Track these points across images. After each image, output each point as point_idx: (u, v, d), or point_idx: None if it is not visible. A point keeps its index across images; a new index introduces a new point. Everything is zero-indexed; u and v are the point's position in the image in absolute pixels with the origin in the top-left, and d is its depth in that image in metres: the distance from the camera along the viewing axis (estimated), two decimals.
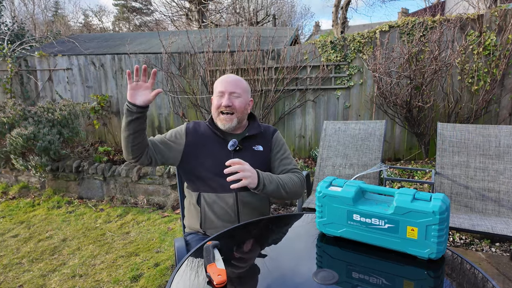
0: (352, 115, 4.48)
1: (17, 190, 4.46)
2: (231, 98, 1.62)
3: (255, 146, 1.70)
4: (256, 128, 1.74)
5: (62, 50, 5.67)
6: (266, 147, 1.73)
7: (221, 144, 1.66)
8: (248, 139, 1.70)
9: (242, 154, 1.64)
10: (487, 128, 2.71)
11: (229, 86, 1.63)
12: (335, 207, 1.22)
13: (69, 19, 23.47)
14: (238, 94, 1.64)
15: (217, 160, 1.62)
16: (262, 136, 1.75)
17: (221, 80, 1.66)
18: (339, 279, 1.01)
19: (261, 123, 1.80)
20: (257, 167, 1.62)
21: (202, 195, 1.65)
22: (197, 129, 1.71)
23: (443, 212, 1.05)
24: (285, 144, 1.84)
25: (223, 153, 1.64)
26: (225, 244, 1.24)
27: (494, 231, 2.14)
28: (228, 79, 1.66)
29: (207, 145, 1.67)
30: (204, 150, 1.66)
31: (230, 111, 1.63)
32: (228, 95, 1.62)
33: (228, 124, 1.64)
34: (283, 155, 1.76)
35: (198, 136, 1.68)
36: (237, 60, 4.46)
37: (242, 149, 1.66)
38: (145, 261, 2.77)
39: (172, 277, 1.07)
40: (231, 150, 1.64)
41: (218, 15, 15.54)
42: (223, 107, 1.62)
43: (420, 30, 3.96)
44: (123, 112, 1.54)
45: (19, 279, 2.58)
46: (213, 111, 1.68)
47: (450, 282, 1.06)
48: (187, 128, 1.71)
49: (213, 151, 1.65)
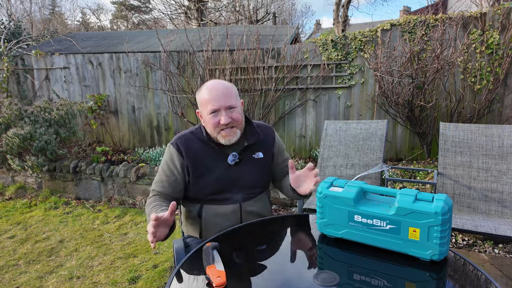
0: (353, 115, 4.45)
1: (13, 191, 4.44)
2: (228, 114, 1.48)
3: (255, 154, 1.63)
4: (255, 135, 1.63)
5: (59, 49, 5.63)
6: (267, 153, 1.67)
7: (219, 158, 1.57)
8: (247, 148, 1.62)
9: (243, 166, 1.59)
10: (490, 128, 2.70)
11: (222, 100, 1.47)
12: (336, 208, 1.22)
13: (67, 17, 23.51)
14: (234, 105, 1.50)
15: (219, 177, 1.56)
16: (262, 141, 1.66)
17: (210, 95, 1.48)
18: (340, 281, 1.01)
19: (256, 123, 1.69)
20: (258, 175, 1.63)
21: (203, 207, 1.59)
22: (190, 147, 1.57)
23: (446, 213, 1.04)
24: (283, 144, 1.80)
25: (223, 167, 1.57)
26: (224, 245, 1.23)
27: (497, 232, 2.12)
28: (218, 93, 1.48)
29: (205, 162, 1.57)
30: (203, 168, 1.57)
31: (231, 126, 1.51)
32: (224, 111, 1.48)
33: (233, 138, 1.52)
34: (283, 157, 1.75)
35: (194, 154, 1.56)
36: (237, 59, 4.43)
37: (242, 159, 1.59)
38: (143, 262, 2.76)
39: (171, 279, 1.06)
40: (231, 164, 1.57)
41: (218, 13, 15.57)
42: (223, 125, 1.48)
43: (422, 29, 3.93)
44: (121, 111, 1.49)
45: (15, 281, 2.56)
46: (211, 129, 1.53)
47: (453, 284, 1.05)
48: (177, 149, 1.57)
49: (213, 167, 1.57)
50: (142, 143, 5.23)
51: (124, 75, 5.09)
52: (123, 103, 5.15)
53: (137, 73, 5.03)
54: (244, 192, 1.59)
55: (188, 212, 1.67)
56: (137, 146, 5.20)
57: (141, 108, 5.13)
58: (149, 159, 4.33)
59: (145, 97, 5.08)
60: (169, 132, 5.13)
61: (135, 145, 5.23)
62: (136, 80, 5.06)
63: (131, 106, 5.15)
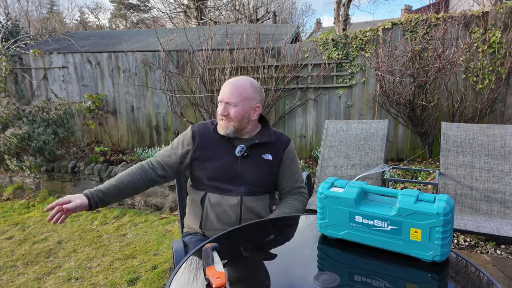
0: (354, 115, 4.43)
1: (11, 191, 4.43)
2: (226, 108, 1.61)
3: (264, 155, 1.69)
4: (268, 136, 1.71)
5: (57, 48, 5.61)
6: (276, 157, 1.71)
7: (228, 149, 1.66)
8: (257, 146, 1.68)
9: (249, 161, 1.65)
10: (492, 128, 2.70)
11: (226, 95, 1.61)
12: (337, 209, 1.21)
13: (65, 16, 23.44)
14: (234, 103, 1.60)
15: (224, 165, 1.64)
16: (274, 145, 1.72)
17: (224, 87, 1.64)
18: (341, 282, 1.00)
19: (274, 130, 1.78)
20: (263, 175, 1.67)
21: (207, 195, 1.65)
22: (204, 133, 1.71)
23: (447, 213, 1.04)
24: (296, 157, 1.84)
25: (231, 158, 1.65)
26: (224, 246, 1.22)
27: (500, 233, 2.12)
28: (228, 88, 1.63)
29: (214, 149, 1.67)
30: (212, 154, 1.67)
31: (226, 119, 1.63)
32: (224, 104, 1.62)
33: (224, 130, 1.64)
34: (293, 171, 1.77)
35: (206, 140, 1.69)
36: (237, 58, 4.41)
37: (250, 155, 1.66)
38: (142, 263, 2.74)
39: (170, 280, 1.06)
40: (238, 156, 1.64)
41: (217, 12, 15.57)
42: (220, 115, 1.63)
43: (423, 28, 3.92)
44: (119, 111, 1.51)
45: (13, 282, 2.54)
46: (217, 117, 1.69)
47: (455, 285, 1.05)
48: (193, 132, 1.71)
49: (220, 155, 1.66)
50: (141, 143, 5.21)
51: (122, 75, 5.07)
52: (122, 103, 5.14)
53: (136, 73, 5.01)
54: (247, 187, 1.64)
55: (191, 200, 1.74)
56: (136, 146, 5.18)
57: (140, 108, 5.11)
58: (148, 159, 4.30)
59: (144, 97, 5.06)
60: (168, 132, 5.11)
61: (134, 145, 5.21)
62: (135, 79, 5.04)
63: (130, 105, 5.13)
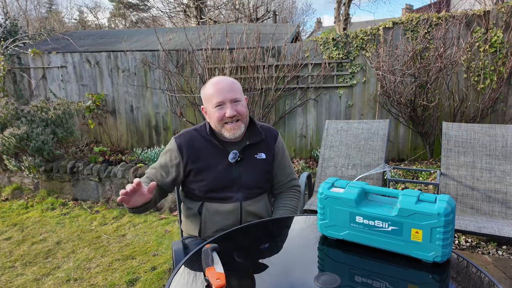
0: (355, 114, 4.42)
1: (10, 192, 4.42)
2: (233, 106, 1.52)
3: (257, 154, 1.64)
4: (257, 134, 1.65)
5: (56, 48, 5.59)
6: (269, 154, 1.68)
7: (221, 155, 1.59)
8: (249, 147, 1.63)
9: (244, 164, 1.60)
10: (493, 128, 2.70)
11: (228, 93, 1.52)
12: (337, 209, 1.20)
13: (64, 15, 23.37)
14: (239, 98, 1.54)
15: (220, 174, 1.57)
16: (264, 142, 1.67)
17: (215, 89, 1.53)
18: (341, 283, 1.00)
19: (261, 125, 1.72)
20: (259, 176, 1.63)
21: (204, 205, 1.61)
22: (191, 143, 1.61)
23: (449, 214, 1.03)
24: (285, 148, 1.80)
25: (224, 165, 1.58)
26: (224, 247, 1.22)
27: (501, 234, 2.12)
28: (222, 86, 1.53)
29: (206, 159, 1.59)
30: (205, 165, 1.59)
31: (236, 119, 1.54)
32: (230, 104, 1.52)
33: (237, 132, 1.55)
34: (284, 164, 1.74)
35: (194, 151, 1.60)
36: (237, 57, 4.40)
37: (243, 159, 1.60)
38: (141, 264, 2.73)
39: (169, 281, 1.06)
40: (232, 162, 1.58)
41: (217, 12, 15.55)
42: (228, 118, 1.52)
43: (424, 27, 3.90)
44: (118, 111, 1.47)
45: (12, 283, 2.54)
46: (215, 123, 1.56)
47: (456, 286, 1.05)
48: (178, 145, 1.60)
49: (214, 165, 1.59)
50: (140, 143, 5.20)
51: (122, 74, 5.06)
52: (121, 103, 5.12)
53: (135, 72, 5.00)
54: (245, 192, 1.60)
55: (187, 209, 1.68)
56: (135, 146, 5.16)
57: (139, 108, 5.10)
58: (147, 159, 4.30)
59: (144, 97, 5.05)
60: (168, 132, 5.10)
61: (133, 145, 5.20)
62: (134, 79, 5.03)
63: (129, 105, 5.11)
